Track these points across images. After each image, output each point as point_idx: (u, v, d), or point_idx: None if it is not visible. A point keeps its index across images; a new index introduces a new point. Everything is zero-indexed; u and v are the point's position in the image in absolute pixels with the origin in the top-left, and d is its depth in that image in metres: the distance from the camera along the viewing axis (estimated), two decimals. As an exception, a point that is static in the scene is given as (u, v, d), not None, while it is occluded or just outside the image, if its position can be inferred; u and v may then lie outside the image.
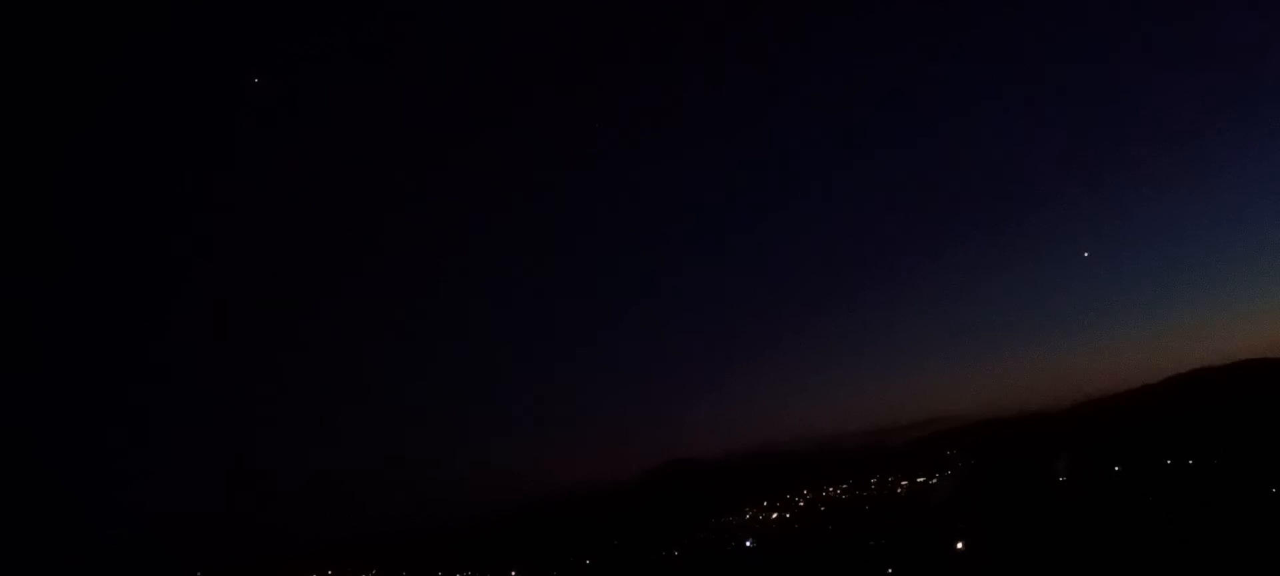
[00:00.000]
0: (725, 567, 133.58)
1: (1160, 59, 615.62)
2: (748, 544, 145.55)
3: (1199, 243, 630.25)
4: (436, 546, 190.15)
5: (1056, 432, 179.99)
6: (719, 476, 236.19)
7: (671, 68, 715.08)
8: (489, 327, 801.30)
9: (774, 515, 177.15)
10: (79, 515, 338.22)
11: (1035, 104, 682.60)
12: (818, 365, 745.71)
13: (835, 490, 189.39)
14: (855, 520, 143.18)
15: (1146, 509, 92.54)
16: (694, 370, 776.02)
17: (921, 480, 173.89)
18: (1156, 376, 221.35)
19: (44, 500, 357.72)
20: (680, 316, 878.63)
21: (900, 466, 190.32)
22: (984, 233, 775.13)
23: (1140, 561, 70.84)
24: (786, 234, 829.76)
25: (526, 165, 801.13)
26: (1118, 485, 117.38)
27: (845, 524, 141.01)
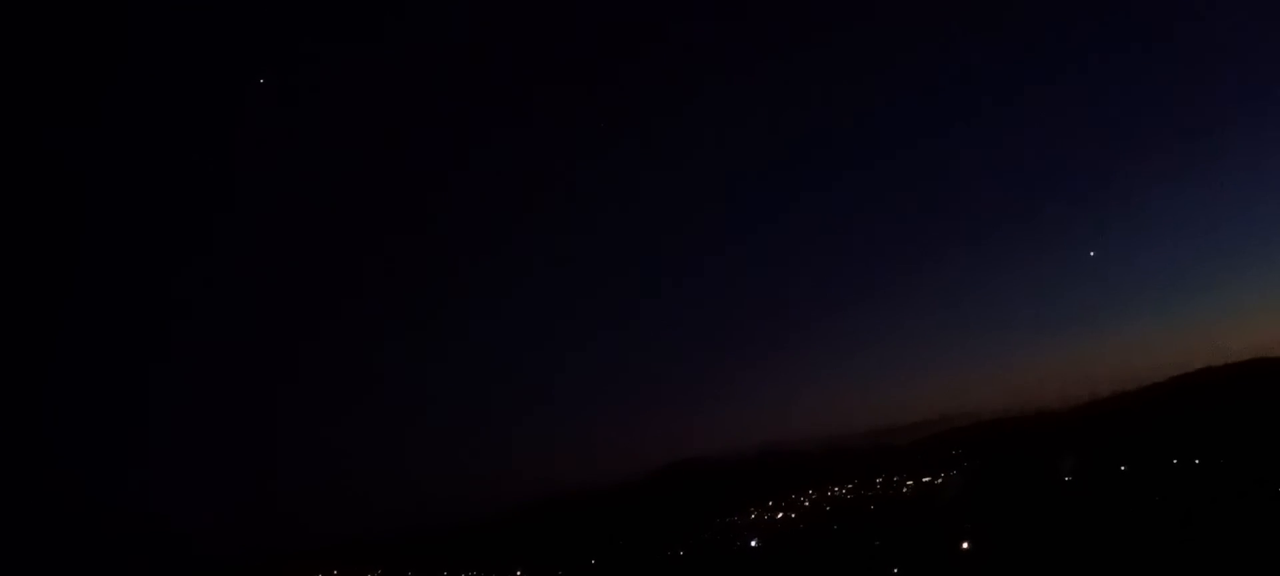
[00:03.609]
0: (730, 567, 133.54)
1: (1166, 57, 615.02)
2: (753, 543, 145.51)
3: (1206, 241, 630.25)
4: (441, 545, 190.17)
5: (1062, 432, 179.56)
6: (724, 476, 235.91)
7: (675, 69, 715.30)
8: (495, 326, 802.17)
9: (779, 515, 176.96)
10: (83, 513, 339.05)
11: (1040, 103, 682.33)
12: (823, 364, 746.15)
13: (840, 490, 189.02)
14: (860, 520, 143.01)
15: (1153, 508, 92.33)
16: (699, 370, 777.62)
17: (927, 479, 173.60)
18: (1163, 375, 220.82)
19: (50, 497, 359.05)
20: (685, 316, 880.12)
21: (905, 466, 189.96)
22: (990, 232, 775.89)
23: (1147, 561, 70.68)
24: (792, 233, 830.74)
25: (531, 165, 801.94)
26: (1124, 484, 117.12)
27: (850, 523, 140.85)
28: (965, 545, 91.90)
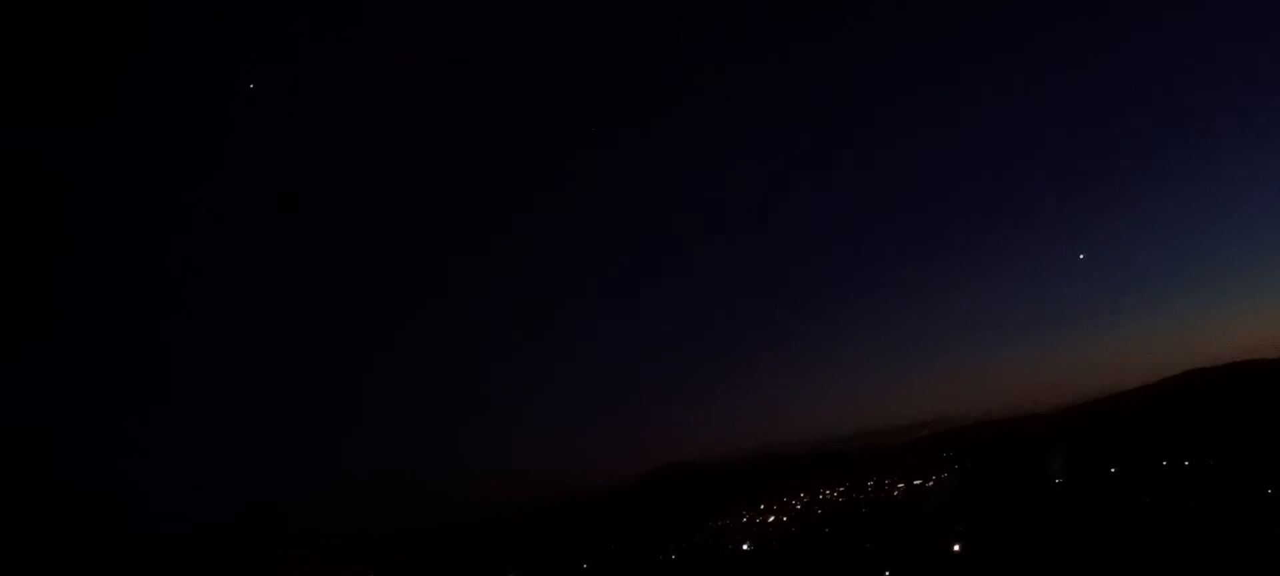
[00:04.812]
0: (722, 570, 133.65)
1: (1156, 59, 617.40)
2: (744, 546, 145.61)
3: (1195, 245, 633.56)
4: (432, 548, 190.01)
5: (1052, 434, 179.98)
6: (716, 479, 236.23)
7: (671, 68, 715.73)
8: (486, 330, 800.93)
9: (771, 518, 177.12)
10: (78, 514, 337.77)
11: (1031, 106, 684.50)
12: (814, 367, 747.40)
13: (832, 492, 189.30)
14: (852, 522, 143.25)
15: (1143, 509, 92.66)
16: (690, 373, 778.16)
17: (918, 482, 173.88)
18: (1153, 377, 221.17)
19: (46, 498, 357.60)
20: (676, 320, 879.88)
21: (896, 468, 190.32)
22: (980, 235, 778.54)
23: (1137, 562, 70.94)
24: (783, 235, 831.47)
25: (525, 167, 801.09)
26: (1114, 486, 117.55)
27: (842, 526, 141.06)
28: (956, 547, 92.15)
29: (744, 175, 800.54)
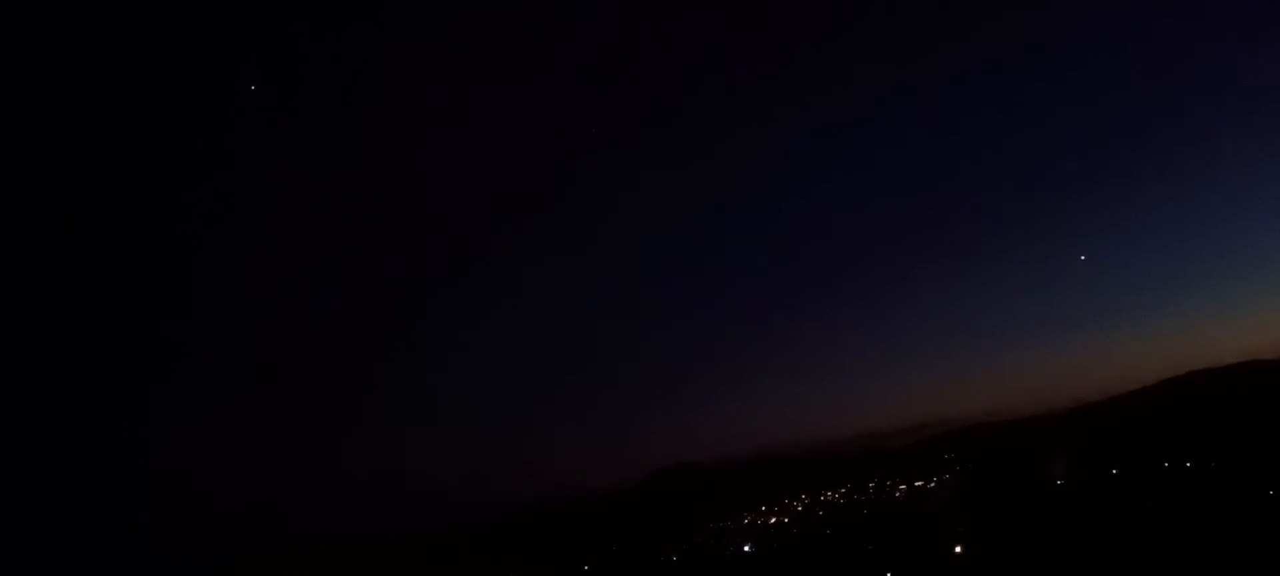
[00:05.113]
0: (723, 571, 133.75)
1: (1157, 61, 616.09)
2: (746, 548, 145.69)
3: (1196, 246, 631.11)
4: (434, 549, 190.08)
5: (1054, 435, 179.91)
6: (717, 480, 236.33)
7: (672, 69, 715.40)
8: (487, 331, 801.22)
9: (772, 519, 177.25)
10: (80, 514, 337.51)
11: (1032, 108, 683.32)
12: (815, 369, 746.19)
13: (833, 494, 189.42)
14: (853, 524, 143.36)
15: (1145, 511, 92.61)
16: (691, 374, 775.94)
17: (919, 483, 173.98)
18: (1154, 378, 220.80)
19: (48, 498, 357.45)
20: (677, 321, 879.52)
21: (898, 470, 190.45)
22: (981, 236, 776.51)
23: (1139, 563, 70.91)
24: (784, 237, 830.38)
25: (525, 168, 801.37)
26: (1116, 487, 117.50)
27: (843, 527, 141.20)
28: (958, 548, 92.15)
29: (744, 176, 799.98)
